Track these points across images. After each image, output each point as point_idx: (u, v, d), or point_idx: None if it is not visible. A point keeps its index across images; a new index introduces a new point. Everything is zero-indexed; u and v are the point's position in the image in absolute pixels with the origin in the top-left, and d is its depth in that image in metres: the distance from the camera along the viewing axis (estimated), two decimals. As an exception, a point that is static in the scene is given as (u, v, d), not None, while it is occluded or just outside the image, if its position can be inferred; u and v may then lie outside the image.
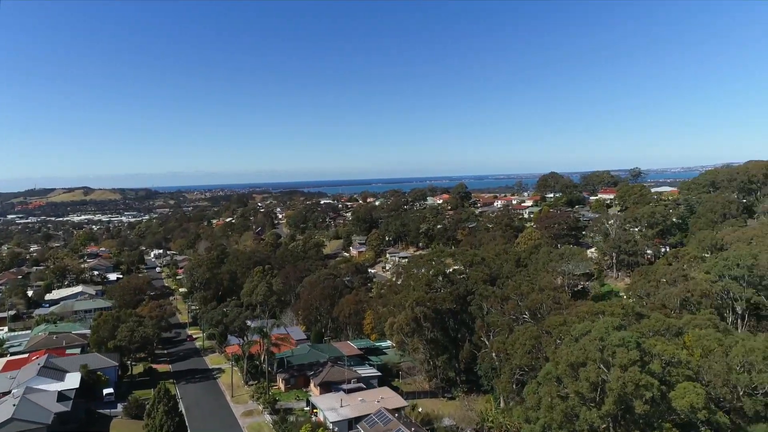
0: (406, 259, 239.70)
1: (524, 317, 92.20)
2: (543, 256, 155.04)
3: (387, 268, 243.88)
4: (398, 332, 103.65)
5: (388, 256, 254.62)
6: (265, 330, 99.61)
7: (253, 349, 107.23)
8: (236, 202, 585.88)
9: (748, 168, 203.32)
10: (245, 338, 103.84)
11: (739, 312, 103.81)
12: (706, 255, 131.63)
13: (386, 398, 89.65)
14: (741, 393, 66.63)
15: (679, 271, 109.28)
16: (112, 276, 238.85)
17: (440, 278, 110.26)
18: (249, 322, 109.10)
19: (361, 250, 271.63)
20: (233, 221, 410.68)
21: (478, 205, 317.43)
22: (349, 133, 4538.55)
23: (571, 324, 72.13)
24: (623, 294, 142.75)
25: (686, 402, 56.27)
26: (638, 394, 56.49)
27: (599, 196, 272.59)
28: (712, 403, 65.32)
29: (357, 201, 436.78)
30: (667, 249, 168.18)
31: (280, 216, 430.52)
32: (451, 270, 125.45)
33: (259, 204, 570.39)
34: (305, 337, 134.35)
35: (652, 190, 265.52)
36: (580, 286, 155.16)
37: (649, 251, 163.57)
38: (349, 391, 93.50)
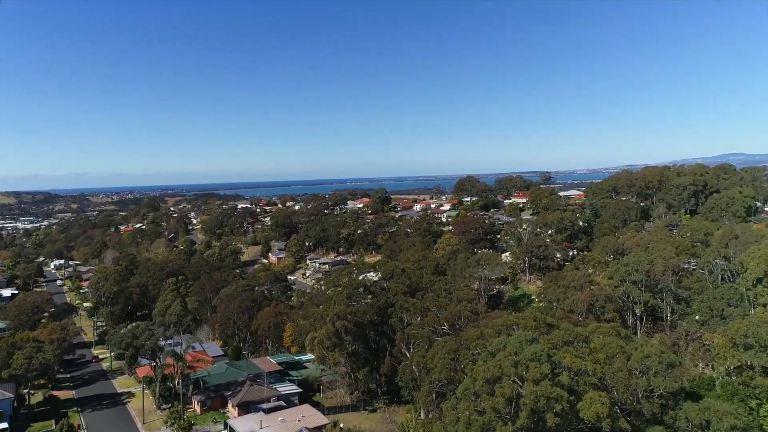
0: (327, 265, 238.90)
1: (443, 328, 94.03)
2: (461, 262, 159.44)
3: (307, 274, 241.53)
4: (319, 347, 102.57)
5: (308, 262, 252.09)
6: (179, 353, 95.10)
7: (166, 369, 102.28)
8: (147, 206, 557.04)
9: (644, 174, 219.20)
10: (158, 361, 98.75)
11: (638, 314, 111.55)
12: (610, 259, 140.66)
13: (307, 416, 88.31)
14: (640, 396, 71.30)
15: (585, 277, 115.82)
16: (6, 292, 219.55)
17: (361, 290, 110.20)
18: (162, 342, 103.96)
19: (280, 256, 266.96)
20: (143, 227, 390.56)
21: (398, 209, 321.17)
22: (268, 132, 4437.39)
23: (487, 337, 74.31)
24: (535, 297, 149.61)
25: (592, 412, 59.51)
26: (549, 407, 59.23)
27: (513, 199, 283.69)
28: (616, 407, 69.89)
29: (276, 205, 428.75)
30: (575, 252, 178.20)
31: (195, 221, 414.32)
32: (373, 278, 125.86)
33: (172, 208, 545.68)
34: (222, 353, 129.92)
35: (561, 194, 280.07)
36: (495, 290, 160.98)
37: (558, 254, 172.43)
38: (268, 411, 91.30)
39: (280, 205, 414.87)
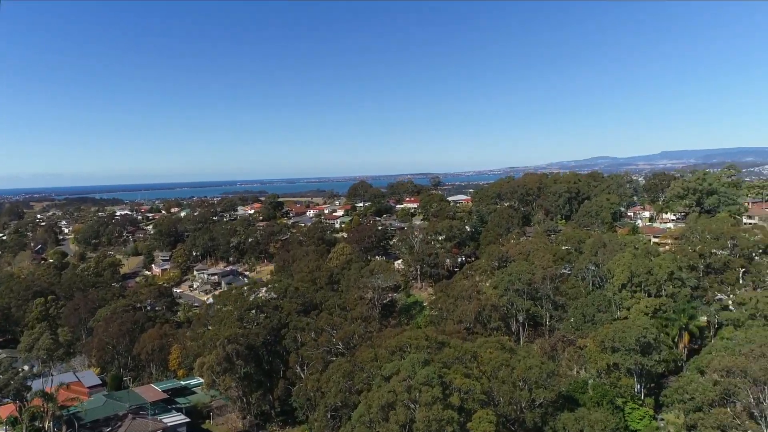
0: (216, 276, 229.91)
1: (338, 348, 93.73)
2: (354, 273, 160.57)
3: (195, 286, 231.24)
4: (208, 373, 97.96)
5: (195, 273, 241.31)
6: (51, 394, 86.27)
7: (35, 409, 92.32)
8: (8, 213, 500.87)
9: (525, 182, 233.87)
10: (24, 402, 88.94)
11: (521, 321, 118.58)
12: (495, 265, 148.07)
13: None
14: (523, 406, 75.62)
15: (473, 287, 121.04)
16: None
17: (253, 311, 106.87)
18: (28, 380, 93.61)
19: (165, 267, 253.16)
20: (4, 238, 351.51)
21: (291, 215, 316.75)
22: (149, 127, 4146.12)
23: (381, 359, 75.06)
24: (427, 304, 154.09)
25: (480, 431, 62.05)
26: (441, 430, 60.92)
27: (405, 204, 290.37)
28: (503, 418, 73.60)
29: (160, 211, 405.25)
30: (464, 258, 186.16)
31: (67, 230, 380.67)
32: (266, 297, 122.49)
33: (39, 216, 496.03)
34: (100, 382, 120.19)
35: (450, 198, 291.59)
36: (388, 299, 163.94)
37: (448, 261, 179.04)
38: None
39: (164, 212, 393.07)
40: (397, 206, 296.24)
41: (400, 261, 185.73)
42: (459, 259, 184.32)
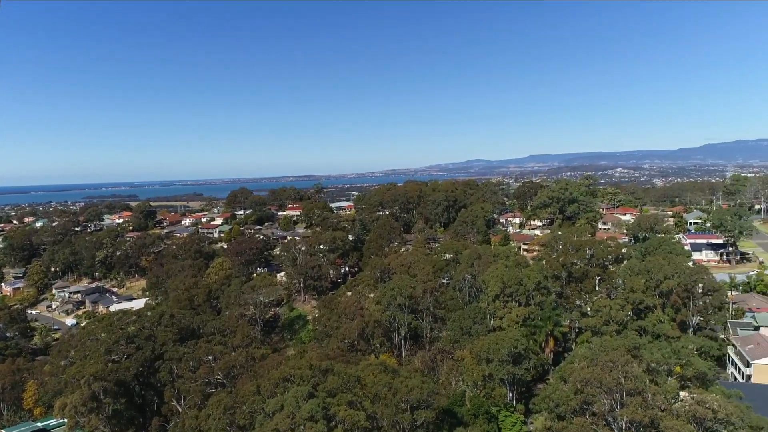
0: (79, 294, 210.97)
1: (218, 378, 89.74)
2: (235, 289, 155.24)
3: (54, 306, 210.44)
4: (72, 414, 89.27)
5: (55, 291, 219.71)
6: None
7: None
8: None
9: (406, 190, 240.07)
10: None
11: (403, 334, 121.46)
12: (378, 275, 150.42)
13: (57, 504, 76.26)
14: (405, 427, 77.38)
15: (356, 304, 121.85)
16: None
17: (123, 342, 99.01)
18: None
19: (17, 286, 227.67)
20: None
21: (165, 224, 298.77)
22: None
23: (264, 392, 72.94)
24: (310, 318, 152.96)
25: (366, 461, 62.58)
26: (327, 466, 60.58)
27: (287, 212, 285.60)
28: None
29: (10, 221, 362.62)
30: (347, 269, 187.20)
31: None
32: (136, 322, 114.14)
33: None
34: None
35: (332, 205, 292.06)
36: (271, 314, 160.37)
37: (331, 272, 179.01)
38: (4, 506, 76.43)
39: (15, 222, 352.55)
40: (280, 213, 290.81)
41: (282, 273, 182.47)
42: (342, 270, 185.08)
